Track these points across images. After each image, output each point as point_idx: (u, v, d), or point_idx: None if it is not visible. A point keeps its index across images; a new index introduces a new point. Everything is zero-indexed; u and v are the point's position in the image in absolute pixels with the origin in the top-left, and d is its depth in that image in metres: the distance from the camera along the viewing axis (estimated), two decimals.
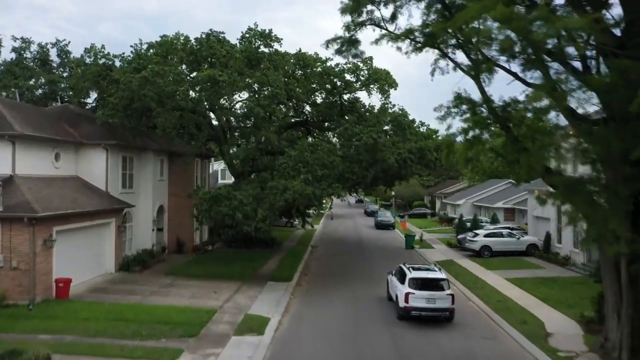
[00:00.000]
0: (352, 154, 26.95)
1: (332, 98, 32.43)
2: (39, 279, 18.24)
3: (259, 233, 24.38)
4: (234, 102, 29.71)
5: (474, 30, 12.22)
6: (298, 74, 32.34)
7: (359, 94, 33.14)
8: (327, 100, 32.84)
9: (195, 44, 28.30)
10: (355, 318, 18.52)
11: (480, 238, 33.07)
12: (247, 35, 29.20)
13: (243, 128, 30.96)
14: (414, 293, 17.56)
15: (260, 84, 26.19)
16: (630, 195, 11.45)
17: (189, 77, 27.36)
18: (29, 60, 38.32)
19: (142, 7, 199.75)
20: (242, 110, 28.33)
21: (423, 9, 14.70)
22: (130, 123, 26.14)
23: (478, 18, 11.31)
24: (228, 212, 22.37)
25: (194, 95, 26.41)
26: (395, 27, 16.28)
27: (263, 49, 28.82)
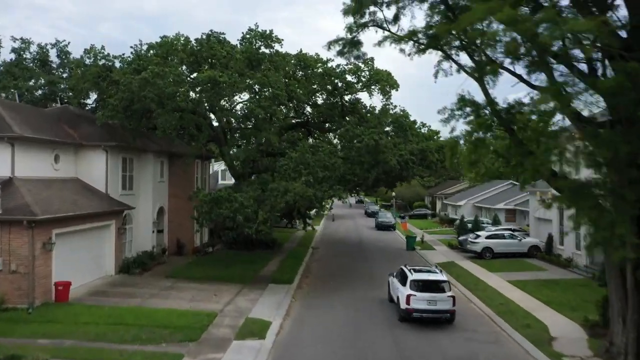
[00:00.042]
0: (353, 156, 26.79)
1: (333, 99, 32.25)
2: (38, 283, 18.09)
3: (260, 235, 24.22)
4: (235, 103, 29.56)
5: (479, 32, 12.08)
6: (299, 75, 32.17)
7: (360, 95, 32.97)
8: (328, 101, 32.67)
9: (196, 45, 28.10)
10: (357, 321, 18.40)
11: (482, 240, 32.93)
12: (247, 36, 28.98)
13: (243, 129, 30.79)
14: (415, 295, 17.60)
15: (261, 85, 26.02)
16: (637, 200, 11.31)
17: (189, 78, 27.18)
18: (29, 61, 38.12)
19: (142, 7, 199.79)
20: (242, 112, 28.16)
21: (426, 10, 14.55)
22: (131, 124, 26.00)
23: (483, 20, 11.17)
24: (229, 214, 22.21)
25: (194, 96, 26.25)
26: (398, 28, 16.15)
27: (264, 50, 28.63)
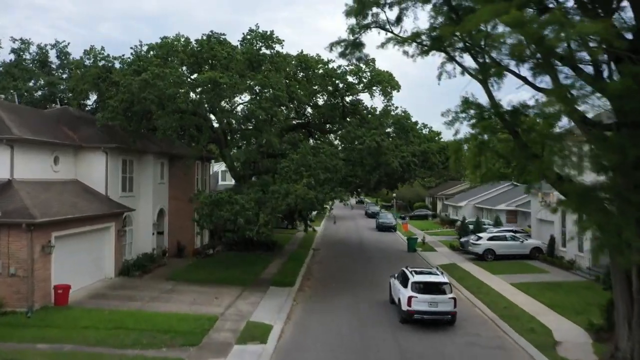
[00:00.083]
0: (355, 157, 26.62)
1: (334, 100, 32.09)
2: (38, 286, 17.93)
3: (260, 237, 24.05)
4: (235, 104, 29.39)
5: (483, 34, 11.91)
6: (299, 76, 32.03)
7: (361, 96, 32.85)
8: (329, 102, 32.49)
9: (196, 46, 27.94)
10: (359, 324, 18.31)
11: (484, 241, 32.77)
12: (248, 37, 28.84)
13: (244, 130, 30.63)
14: (417, 297, 17.64)
15: (262, 86, 25.85)
16: None
17: (190, 79, 27.02)
18: (28, 62, 37.96)
19: (142, 7, 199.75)
20: (243, 113, 28.00)
21: (429, 12, 14.40)
22: (131, 126, 25.83)
23: (488, 22, 11.01)
24: (229, 217, 22.03)
25: (195, 98, 26.10)
26: (401, 29, 16.00)
27: (264, 51, 28.50)
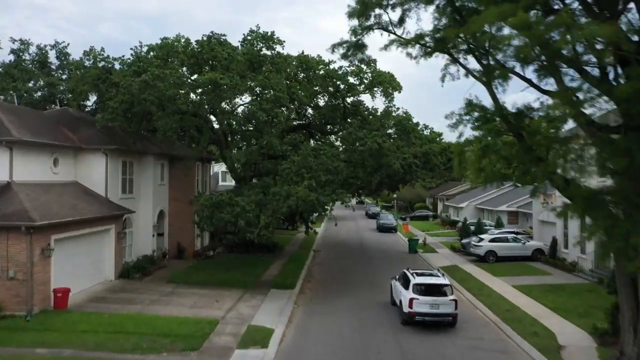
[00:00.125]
0: (356, 159, 26.47)
1: (334, 101, 31.96)
2: (37, 289, 17.77)
3: (261, 239, 23.91)
4: (236, 105, 29.26)
5: (488, 36, 11.76)
6: (300, 77, 31.89)
7: (362, 97, 32.67)
8: (329, 103, 32.37)
9: (197, 47, 27.80)
10: (360, 326, 18.23)
11: (485, 243, 32.60)
12: (249, 38, 28.70)
13: (244, 131, 30.50)
14: (418, 298, 17.66)
15: (263, 87, 25.72)
16: None
17: (190, 80, 26.87)
18: (28, 63, 37.79)
19: (141, 7, 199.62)
20: (243, 114, 27.87)
21: (433, 13, 14.25)
22: (131, 127, 25.69)
23: (494, 24, 10.87)
24: (230, 219, 21.89)
25: (195, 99, 25.95)
26: (403, 31, 15.86)
27: (265, 52, 28.36)
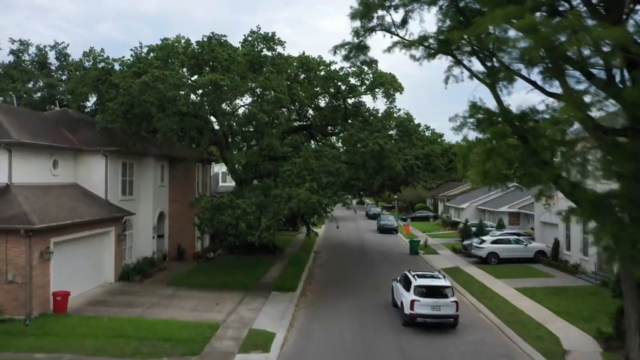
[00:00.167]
0: (357, 160, 26.29)
1: (335, 102, 31.76)
2: (36, 293, 17.62)
3: (262, 241, 23.75)
4: (237, 106, 29.09)
5: (492, 38, 11.60)
6: (301, 78, 31.71)
7: (363, 98, 32.48)
8: (330, 104, 32.16)
9: (197, 47, 27.61)
10: (361, 328, 18.17)
11: (487, 244, 32.42)
12: (249, 39, 28.53)
13: (245, 133, 30.34)
14: (419, 300, 17.72)
15: (263, 88, 25.55)
16: None
17: (190, 81, 26.70)
18: (27, 63, 37.65)
19: (141, 7, 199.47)
20: (244, 115, 27.71)
21: (436, 14, 14.10)
22: (131, 128, 25.52)
23: (499, 26, 10.71)
24: (231, 221, 21.72)
25: (196, 100, 25.77)
26: (406, 32, 15.72)
27: (266, 53, 28.19)
